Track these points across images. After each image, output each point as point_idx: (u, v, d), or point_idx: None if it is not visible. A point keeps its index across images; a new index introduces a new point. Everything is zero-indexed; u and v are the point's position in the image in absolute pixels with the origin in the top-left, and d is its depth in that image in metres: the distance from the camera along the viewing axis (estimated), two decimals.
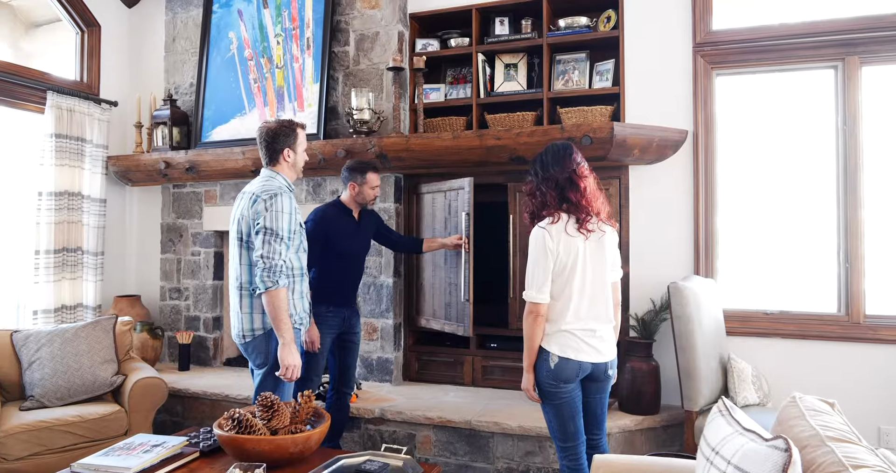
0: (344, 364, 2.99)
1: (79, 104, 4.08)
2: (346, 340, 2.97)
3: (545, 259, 2.09)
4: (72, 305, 4.06)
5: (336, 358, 2.99)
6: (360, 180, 2.91)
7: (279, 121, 2.47)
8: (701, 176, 3.28)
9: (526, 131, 3.20)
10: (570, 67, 3.58)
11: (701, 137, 3.28)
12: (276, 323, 2.25)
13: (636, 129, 3.11)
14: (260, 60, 3.97)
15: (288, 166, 2.46)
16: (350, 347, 2.99)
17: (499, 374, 3.61)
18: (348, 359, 3.00)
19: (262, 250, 2.25)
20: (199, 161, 3.95)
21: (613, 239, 2.21)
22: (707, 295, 2.99)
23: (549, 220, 2.12)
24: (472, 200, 3.28)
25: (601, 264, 2.16)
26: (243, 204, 2.35)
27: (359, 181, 2.91)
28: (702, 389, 2.82)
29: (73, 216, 4.06)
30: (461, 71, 3.89)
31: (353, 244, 2.92)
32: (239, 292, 2.34)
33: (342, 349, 2.98)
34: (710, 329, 2.93)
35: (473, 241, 3.28)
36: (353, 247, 2.92)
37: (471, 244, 3.25)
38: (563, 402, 2.15)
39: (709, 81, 3.30)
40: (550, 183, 2.13)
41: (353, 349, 3.01)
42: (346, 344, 2.98)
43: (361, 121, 3.54)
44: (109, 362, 3.17)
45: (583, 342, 2.12)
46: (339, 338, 2.94)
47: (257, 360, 2.35)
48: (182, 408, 3.67)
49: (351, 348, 3.00)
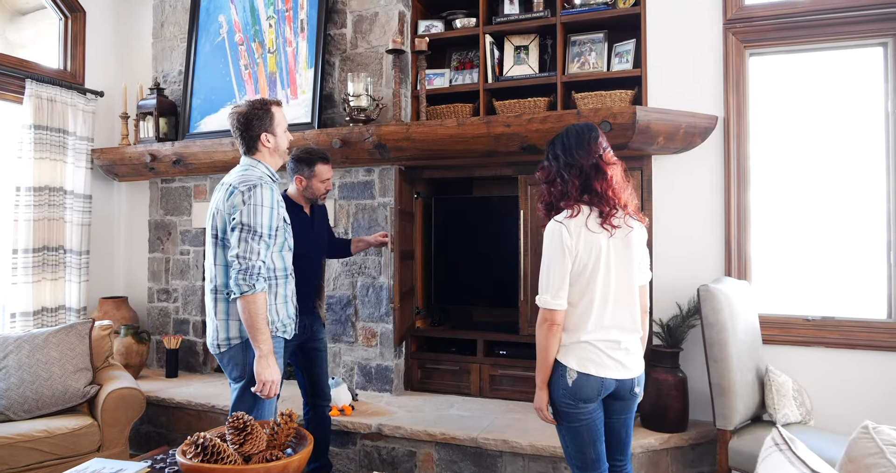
0: (314, 376, 2.67)
1: (61, 94, 3.83)
2: (310, 349, 2.64)
3: (562, 259, 1.79)
4: (53, 307, 3.81)
5: (303, 371, 2.67)
6: (307, 173, 2.55)
7: (249, 102, 2.16)
8: (732, 167, 2.96)
9: (538, 117, 2.89)
10: (586, 49, 3.27)
11: (732, 124, 2.96)
12: (251, 332, 1.97)
13: (661, 114, 2.80)
14: (251, 44, 3.69)
15: (269, 153, 2.18)
16: (316, 355, 2.68)
17: (508, 384, 3.31)
18: (317, 370, 2.68)
19: (238, 249, 1.97)
20: (186, 153, 3.68)
21: (642, 236, 1.91)
22: (741, 299, 2.67)
23: (568, 213, 1.81)
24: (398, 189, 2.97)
25: (627, 264, 1.85)
26: (219, 197, 2.07)
27: (306, 174, 2.55)
28: (737, 405, 2.51)
29: (55, 213, 3.82)
30: (467, 55, 3.59)
31: (307, 243, 2.53)
32: (214, 295, 2.06)
33: (308, 360, 2.66)
34: (745, 338, 2.61)
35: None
36: (308, 246, 2.54)
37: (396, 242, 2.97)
38: (582, 425, 1.85)
39: (741, 62, 2.98)
40: (573, 170, 1.83)
41: (320, 358, 2.69)
42: (312, 354, 2.66)
43: (358, 108, 3.25)
44: (83, 370, 2.91)
45: (605, 356, 1.82)
46: (303, 348, 2.61)
47: (234, 373, 2.07)
48: (166, 419, 3.40)
49: (317, 357, 2.68)
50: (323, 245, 2.75)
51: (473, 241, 3.55)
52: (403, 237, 3.12)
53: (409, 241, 3.40)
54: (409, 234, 3.41)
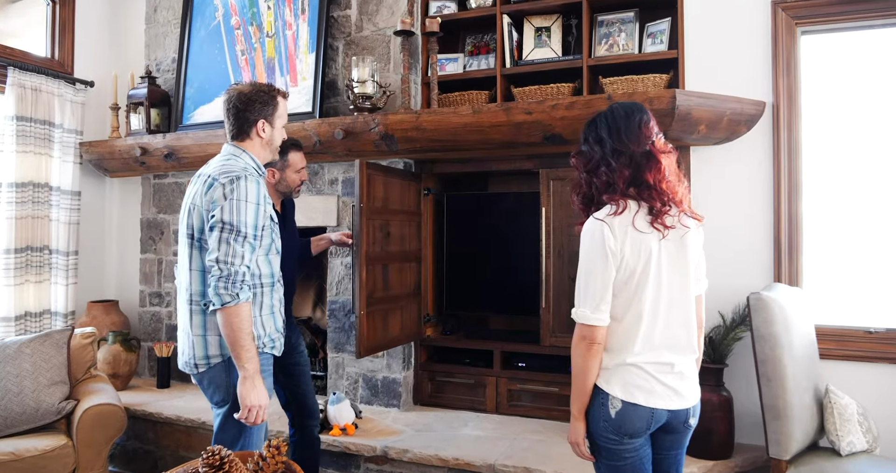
0: (299, 394, 2.37)
1: (47, 83, 3.57)
2: (289, 364, 2.33)
3: (604, 264, 1.48)
4: (37, 312, 3.55)
5: (285, 390, 2.37)
6: (280, 164, 2.27)
7: (255, 84, 1.91)
8: (783, 159, 2.63)
9: (563, 103, 2.58)
10: (614, 29, 2.95)
11: (783, 111, 2.64)
12: (234, 349, 1.68)
13: (704, 99, 2.48)
14: (248, 28, 3.41)
15: (260, 144, 1.89)
16: (298, 371, 2.37)
17: (528, 400, 3.00)
18: (301, 386, 2.37)
19: (218, 252, 1.67)
20: (178, 146, 3.41)
21: (698, 238, 1.59)
22: (796, 309, 2.34)
23: (611, 209, 1.50)
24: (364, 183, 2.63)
25: (682, 271, 1.54)
26: (196, 190, 1.78)
27: (279, 165, 2.27)
28: (793, 431, 2.18)
29: (39, 211, 3.55)
30: (483, 38, 3.28)
31: (283, 243, 2.17)
32: (189, 306, 1.77)
33: (289, 377, 2.34)
34: (801, 353, 2.29)
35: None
36: (283, 246, 2.17)
37: (356, 242, 2.61)
38: (626, 463, 1.54)
39: (792, 41, 2.65)
40: (623, 158, 1.51)
41: (302, 373, 2.38)
42: (292, 369, 2.35)
43: (363, 95, 2.96)
44: (58, 384, 2.64)
45: (656, 381, 1.51)
46: (281, 364, 2.27)
47: (216, 396, 1.78)
48: (154, 435, 3.13)
49: (299, 372, 2.37)
50: (297, 245, 2.46)
51: (489, 242, 3.25)
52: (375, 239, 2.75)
53: (415, 241, 3.10)
54: (415, 233, 3.11)
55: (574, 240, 2.92)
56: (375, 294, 2.72)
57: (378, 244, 2.75)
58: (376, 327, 2.72)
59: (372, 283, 2.68)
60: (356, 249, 2.61)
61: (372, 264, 2.69)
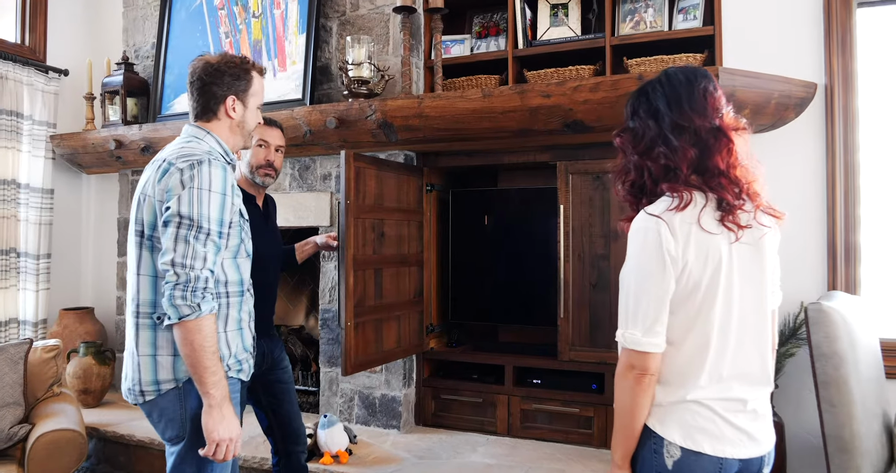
0: (282, 416, 2.04)
1: (14, 70, 3.26)
2: (272, 382, 2.01)
3: (661, 273, 1.14)
4: (3, 320, 3.23)
5: (267, 412, 2.04)
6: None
7: (226, 54, 1.59)
8: (838, 150, 2.31)
9: (587, 84, 2.25)
10: (641, 5, 2.63)
11: (838, 95, 2.31)
12: (196, 372, 1.35)
13: (750, 78, 2.15)
14: (233, 8, 3.09)
15: (229, 126, 1.57)
16: (282, 389, 2.04)
17: (543, 421, 2.67)
18: (285, 406, 2.04)
19: (175, 252, 1.35)
20: (155, 139, 3.09)
21: (775, 240, 1.26)
22: (860, 322, 2.01)
23: (671, 202, 1.17)
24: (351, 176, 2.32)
25: (758, 282, 1.20)
26: (149, 177, 1.46)
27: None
28: (862, 466, 1.85)
29: (6, 210, 3.24)
30: (492, 17, 2.96)
31: (264, 245, 1.88)
32: (135, 319, 1.44)
33: (272, 397, 2.02)
34: (868, 374, 1.96)
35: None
36: (265, 249, 1.90)
37: (342, 244, 2.29)
38: None
39: (847, 16, 2.32)
40: (686, 135, 1.19)
41: (286, 391, 2.05)
42: (275, 388, 2.02)
43: (359, 79, 2.63)
44: (11, 406, 2.32)
45: (725, 423, 1.18)
46: (263, 382, 1.98)
47: (168, 432, 1.45)
48: (125, 459, 2.81)
49: (284, 390, 2.04)
50: (280, 247, 2.14)
51: (500, 244, 2.92)
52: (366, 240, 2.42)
53: (415, 242, 2.78)
54: (415, 234, 2.78)
55: (596, 242, 2.60)
56: (366, 303, 2.40)
57: (369, 246, 2.43)
58: (367, 339, 2.39)
59: (362, 290, 2.35)
60: (342, 252, 2.28)
61: (361, 268, 2.36)
